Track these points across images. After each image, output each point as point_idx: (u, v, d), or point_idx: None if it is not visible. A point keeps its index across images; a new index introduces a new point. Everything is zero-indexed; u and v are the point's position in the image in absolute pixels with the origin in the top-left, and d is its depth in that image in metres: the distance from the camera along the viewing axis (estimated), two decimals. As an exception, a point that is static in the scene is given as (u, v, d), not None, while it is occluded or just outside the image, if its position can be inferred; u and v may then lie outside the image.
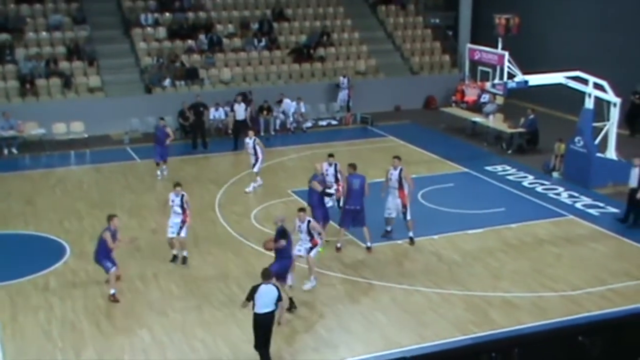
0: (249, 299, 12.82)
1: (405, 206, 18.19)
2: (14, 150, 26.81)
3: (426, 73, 34.50)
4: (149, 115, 28.30)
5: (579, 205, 21.07)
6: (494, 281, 16.48)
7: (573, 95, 23.28)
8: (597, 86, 22.53)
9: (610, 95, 22.64)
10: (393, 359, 12.70)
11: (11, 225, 19.92)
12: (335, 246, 17.76)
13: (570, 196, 21.81)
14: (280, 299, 12.91)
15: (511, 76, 22.69)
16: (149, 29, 32.20)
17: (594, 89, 22.46)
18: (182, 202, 17.17)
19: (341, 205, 18.46)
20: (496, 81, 23.00)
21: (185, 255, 17.41)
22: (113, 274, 15.54)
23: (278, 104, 29.58)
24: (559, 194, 22.09)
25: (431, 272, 16.93)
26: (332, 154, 19.40)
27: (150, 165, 23.84)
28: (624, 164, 22.38)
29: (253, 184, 22.38)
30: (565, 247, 18.39)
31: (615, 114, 22.73)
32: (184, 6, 33.50)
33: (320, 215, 17.83)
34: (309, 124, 30.28)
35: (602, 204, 21.10)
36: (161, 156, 23.70)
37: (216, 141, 27.82)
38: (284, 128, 29.60)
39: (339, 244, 17.78)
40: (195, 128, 27.25)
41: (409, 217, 18.27)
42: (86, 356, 13.58)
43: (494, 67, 23.21)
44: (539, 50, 30.70)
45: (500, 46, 23.16)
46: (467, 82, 28.63)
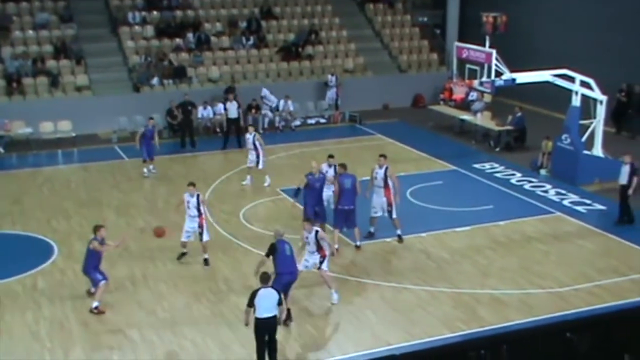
0: (250, 304, 12.57)
1: (390, 204, 18.13)
2: (0, 150, 26.69)
3: (414, 71, 34.54)
4: (137, 114, 28.22)
5: (566, 203, 21.16)
6: (482, 278, 16.54)
7: (560, 93, 23.38)
8: (584, 84, 22.64)
9: (596, 93, 22.75)
10: (382, 357, 12.72)
11: (-2, 225, 19.86)
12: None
13: (558, 193, 21.90)
14: (281, 302, 12.84)
15: (499, 74, 22.75)
16: (136, 28, 32.10)
17: (580, 86, 22.57)
18: (199, 203, 16.95)
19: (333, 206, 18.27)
20: (484, 79, 23.07)
21: (206, 257, 17.19)
22: (103, 287, 15.17)
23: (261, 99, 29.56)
24: (546, 191, 22.17)
25: (420, 270, 16.97)
26: (332, 155, 19.33)
27: (138, 163, 23.77)
28: (610, 161, 22.53)
29: (267, 179, 22.59)
30: (552, 244, 18.47)
31: (601, 111, 22.84)
32: (172, 4, 33.41)
33: (310, 213, 17.88)
34: (297, 123, 30.27)
35: (589, 201, 21.20)
36: (148, 154, 23.63)
37: (204, 140, 27.77)
38: (272, 126, 29.57)
39: (336, 246, 17.37)
40: (184, 127, 27.20)
41: (394, 216, 18.24)
42: (74, 356, 13.55)
43: (481, 65, 23.28)
44: (526, 49, 30.79)
45: (487, 44, 23.23)
46: (455, 80, 28.68)
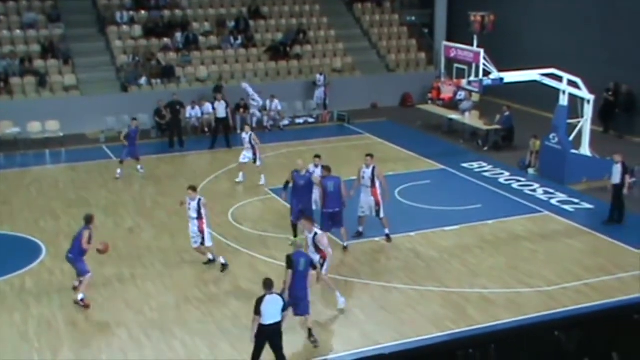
0: (257, 312, 12.32)
1: (378, 204, 18.10)
2: (-12, 150, 26.63)
3: (402, 71, 34.61)
4: (125, 113, 28.13)
5: (554, 202, 21.24)
6: (471, 278, 16.58)
7: (548, 93, 23.47)
8: (572, 83, 22.74)
9: (584, 93, 22.85)
10: (371, 356, 12.74)
11: (-14, 225, 19.78)
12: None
13: (546, 192, 21.98)
14: (285, 308, 12.65)
15: (487, 73, 22.81)
16: (124, 27, 32.01)
17: (568, 86, 22.66)
18: (199, 207, 16.61)
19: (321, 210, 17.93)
20: (472, 78, 23.13)
21: (210, 258, 17.03)
22: (88, 280, 15.23)
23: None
24: (534, 190, 22.25)
25: (409, 269, 16.99)
26: (318, 155, 19.23)
27: (127, 163, 23.65)
28: (598, 160, 22.64)
29: (262, 178, 22.60)
30: (541, 243, 18.53)
31: (589, 110, 22.94)
32: (160, 4, 33.34)
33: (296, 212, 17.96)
34: (285, 122, 30.26)
35: (576, 200, 21.28)
36: (130, 154, 23.53)
37: (193, 139, 27.74)
38: (260, 126, 29.53)
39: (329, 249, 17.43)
40: (172, 126, 27.16)
41: (382, 215, 18.24)
42: (63, 356, 13.51)
43: (469, 65, 23.33)
44: (514, 48, 30.88)
45: (475, 44, 23.29)
46: (443, 79, 28.69)
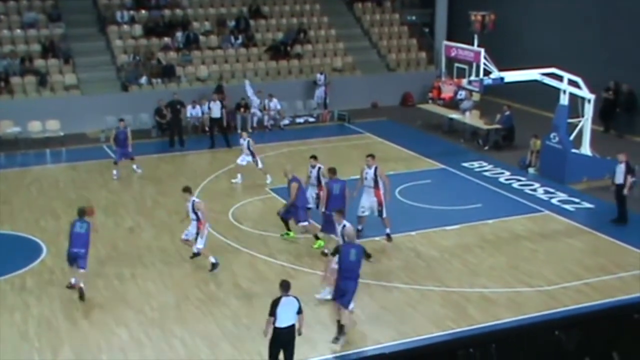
0: (272, 314, 12.12)
1: (381, 204, 18.06)
2: (-12, 149, 26.63)
3: (403, 70, 34.60)
4: (125, 113, 28.02)
5: (554, 201, 21.23)
6: (472, 277, 16.58)
7: (548, 92, 23.46)
8: (572, 83, 22.73)
9: (584, 92, 22.84)
10: (372, 355, 12.74)
11: (-14, 224, 19.78)
12: (322, 251, 17.37)
13: (546, 192, 21.97)
14: (300, 311, 12.30)
15: (487, 73, 22.80)
16: (124, 27, 32.01)
17: (568, 85, 22.65)
18: (194, 208, 16.63)
19: (322, 210, 17.84)
20: (472, 78, 23.12)
21: (195, 252, 17.06)
22: (85, 274, 15.52)
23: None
24: (535, 189, 22.24)
25: (409, 268, 16.99)
26: (314, 156, 19.19)
27: (122, 164, 23.63)
28: (598, 159, 22.64)
29: (268, 177, 22.73)
30: (541, 242, 18.53)
31: (589, 110, 22.93)
32: (160, 3, 33.33)
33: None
34: (286, 122, 30.25)
35: (577, 200, 21.27)
36: (122, 155, 23.53)
37: (193, 139, 27.73)
38: (261, 125, 29.54)
39: (326, 250, 17.10)
40: (173, 126, 27.16)
41: (385, 215, 18.24)
42: (63, 356, 13.51)
43: (470, 64, 23.32)
44: (514, 47, 30.87)
45: (476, 43, 23.29)
46: (443, 79, 28.66)
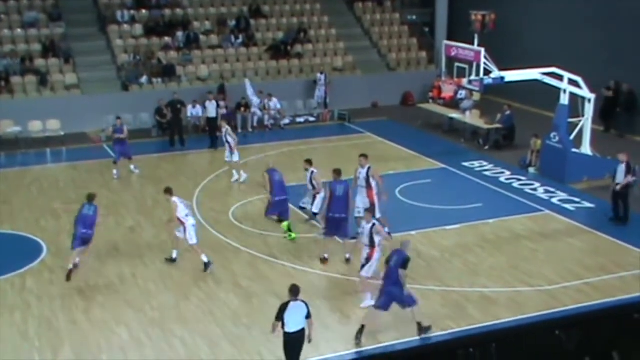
0: (279, 318, 12.02)
1: (372, 204, 17.80)
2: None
3: (403, 70, 34.60)
4: (126, 112, 28.08)
5: (555, 201, 21.23)
6: (472, 277, 16.57)
7: (549, 92, 23.45)
8: (572, 82, 22.72)
9: (585, 91, 22.84)
10: (373, 354, 12.76)
11: (-13, 224, 19.78)
12: (321, 257, 17.15)
13: (547, 191, 21.97)
14: (309, 316, 12.16)
15: (488, 72, 22.80)
16: (125, 26, 32.01)
17: (569, 85, 22.65)
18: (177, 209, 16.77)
19: (325, 214, 17.60)
20: (473, 77, 23.12)
21: (173, 257, 17.14)
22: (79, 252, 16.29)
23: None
24: (535, 189, 22.24)
25: (409, 268, 16.87)
26: (309, 160, 19.18)
27: (122, 163, 23.60)
28: (598, 159, 22.63)
29: (243, 174, 22.84)
30: (541, 242, 18.52)
31: (590, 109, 22.93)
32: (161, 3, 33.34)
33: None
34: (286, 121, 30.26)
35: (577, 199, 21.27)
36: (122, 154, 23.55)
37: (193, 138, 27.72)
38: (261, 125, 29.55)
39: (326, 255, 17.10)
40: (173, 125, 27.16)
41: (378, 215, 17.89)
42: (63, 355, 13.52)
43: (470, 64, 23.32)
44: (515, 47, 30.85)
45: (476, 42, 23.28)
46: (443, 78, 28.71)
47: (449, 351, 8.80)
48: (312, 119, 31.12)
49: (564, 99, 22.73)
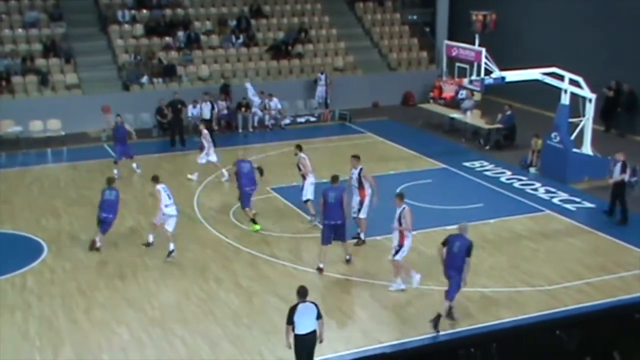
0: (289, 322, 11.83)
1: (361, 203, 17.86)
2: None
3: (404, 69, 34.60)
4: (126, 112, 28.05)
5: (556, 201, 21.23)
6: (472, 277, 16.46)
7: (549, 91, 23.45)
8: (573, 82, 22.72)
9: (585, 91, 22.83)
10: (373, 355, 12.75)
11: (-13, 224, 19.78)
12: (318, 267, 16.81)
13: (547, 191, 21.97)
14: (320, 316, 12.04)
15: (488, 72, 22.80)
16: (126, 26, 32.03)
17: (569, 85, 22.64)
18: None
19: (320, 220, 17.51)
20: (473, 77, 23.13)
21: (150, 241, 17.88)
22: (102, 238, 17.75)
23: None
24: (536, 189, 22.23)
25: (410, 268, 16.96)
26: (299, 145, 19.78)
27: (122, 163, 23.63)
28: (599, 159, 22.63)
29: (196, 174, 23.13)
30: (542, 242, 18.52)
31: (590, 109, 22.92)
32: (162, 3, 33.36)
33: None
34: (287, 121, 30.26)
35: (578, 199, 21.27)
36: (123, 154, 23.55)
37: (194, 138, 27.67)
38: (262, 125, 29.56)
39: (322, 265, 16.74)
40: (173, 125, 27.17)
41: (363, 215, 17.97)
42: (64, 355, 13.52)
43: (471, 64, 23.34)
44: (516, 47, 30.86)
45: (477, 42, 23.29)
46: (444, 78, 28.76)
47: (450, 351, 8.78)
48: (312, 119, 31.12)
49: (565, 99, 22.73)
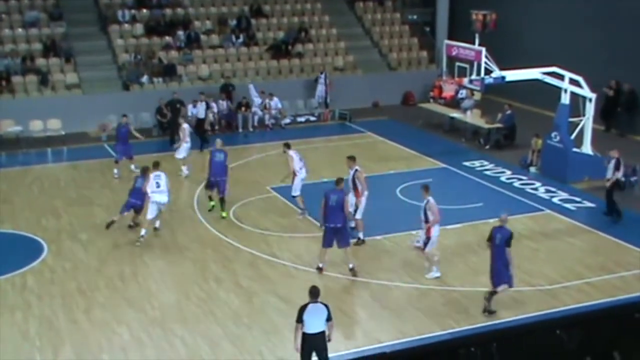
0: (299, 320, 11.96)
1: (355, 204, 17.89)
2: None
3: (404, 69, 34.59)
4: (126, 112, 27.97)
5: (556, 200, 21.23)
6: (473, 276, 16.56)
7: (549, 91, 23.45)
8: (573, 82, 22.72)
9: (585, 91, 22.83)
10: (373, 354, 12.75)
11: (-12, 223, 19.79)
12: (317, 266, 16.75)
13: (548, 191, 21.97)
14: (330, 318, 12.08)
15: (488, 72, 22.80)
16: (126, 26, 32.02)
17: (570, 84, 22.64)
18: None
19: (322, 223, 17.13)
20: (473, 77, 23.13)
21: (142, 233, 18.42)
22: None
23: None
24: (536, 188, 22.24)
25: (410, 267, 16.99)
26: (287, 143, 20.18)
27: (123, 163, 23.62)
28: (599, 158, 22.61)
29: (185, 170, 23.52)
30: (542, 241, 18.53)
31: (590, 109, 22.92)
32: (162, 2, 33.35)
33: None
34: (287, 121, 30.26)
35: (578, 199, 21.28)
36: (123, 153, 23.56)
37: (194, 138, 27.63)
38: (262, 124, 29.56)
39: (322, 265, 16.68)
40: (173, 125, 27.16)
41: (359, 216, 18.02)
42: (64, 355, 13.52)
43: (471, 63, 23.34)
44: (516, 46, 30.85)
45: (477, 42, 23.28)
46: (444, 78, 28.77)
47: (450, 350, 8.78)
48: (312, 118, 31.12)
49: (565, 99, 22.73)
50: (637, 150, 23.70)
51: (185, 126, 23.50)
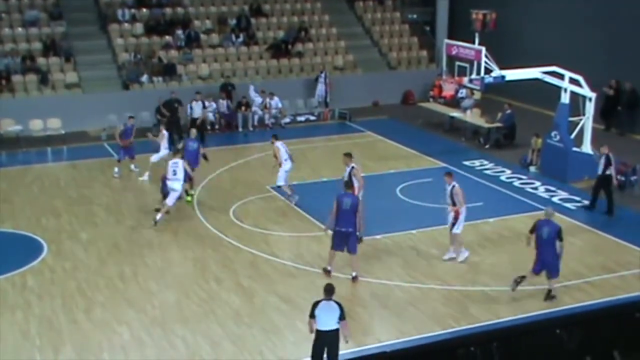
0: (311, 315, 11.99)
1: None
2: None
3: (404, 68, 34.59)
4: (126, 111, 28.02)
5: (556, 200, 21.23)
6: (473, 275, 16.58)
7: (549, 90, 23.45)
8: (573, 81, 22.72)
9: (585, 90, 22.84)
10: (373, 354, 12.76)
11: (-12, 223, 19.79)
12: (325, 269, 16.59)
13: (547, 190, 21.98)
14: (343, 317, 12.00)
15: (488, 71, 22.80)
16: (126, 25, 32.01)
17: (569, 83, 22.64)
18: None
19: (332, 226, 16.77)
20: (473, 76, 23.12)
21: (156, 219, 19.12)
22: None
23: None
24: (536, 188, 22.24)
25: (410, 267, 16.99)
26: (275, 135, 21.18)
27: (124, 162, 23.62)
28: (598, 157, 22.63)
29: (147, 175, 23.27)
30: (542, 241, 18.49)
31: (590, 108, 22.93)
32: (162, 2, 33.32)
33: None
34: (287, 120, 30.26)
35: (578, 198, 21.27)
36: (125, 153, 23.56)
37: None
38: (262, 124, 29.57)
39: (329, 267, 16.50)
40: (171, 124, 27.12)
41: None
42: (65, 355, 13.52)
43: (471, 63, 23.33)
44: (515, 46, 30.86)
45: (477, 41, 23.28)
46: (444, 77, 28.76)
47: (450, 350, 8.81)
48: (312, 117, 31.12)
49: (565, 98, 22.73)
50: (637, 150, 23.70)
51: (164, 132, 23.38)
